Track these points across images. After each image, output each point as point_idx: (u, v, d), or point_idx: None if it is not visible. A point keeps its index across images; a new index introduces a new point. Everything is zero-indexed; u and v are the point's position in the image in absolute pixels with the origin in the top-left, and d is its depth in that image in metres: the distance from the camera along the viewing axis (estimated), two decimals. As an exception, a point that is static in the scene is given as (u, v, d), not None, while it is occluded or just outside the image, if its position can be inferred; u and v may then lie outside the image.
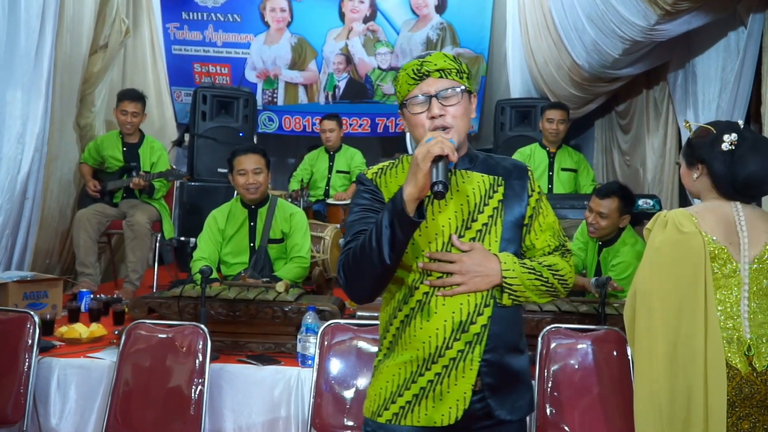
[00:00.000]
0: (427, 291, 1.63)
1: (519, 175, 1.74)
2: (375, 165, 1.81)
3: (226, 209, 3.74)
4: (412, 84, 1.67)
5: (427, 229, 1.65)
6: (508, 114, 6.20)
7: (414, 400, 1.63)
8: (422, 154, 1.49)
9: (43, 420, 2.94)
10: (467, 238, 1.65)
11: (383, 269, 1.57)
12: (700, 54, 4.48)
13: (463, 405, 1.60)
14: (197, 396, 2.69)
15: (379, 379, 1.70)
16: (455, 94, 1.65)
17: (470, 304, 1.62)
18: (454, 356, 1.61)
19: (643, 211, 4.56)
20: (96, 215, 4.60)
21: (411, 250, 1.63)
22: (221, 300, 3.11)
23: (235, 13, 6.92)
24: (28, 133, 4.01)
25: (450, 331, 1.61)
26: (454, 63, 1.68)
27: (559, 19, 5.11)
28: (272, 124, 7.15)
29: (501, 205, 1.69)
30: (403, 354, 1.66)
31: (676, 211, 2.06)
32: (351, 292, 1.67)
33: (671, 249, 2.01)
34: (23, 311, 2.98)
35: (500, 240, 1.66)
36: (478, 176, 1.70)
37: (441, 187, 1.47)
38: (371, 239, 1.56)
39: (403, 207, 1.50)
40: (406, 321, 1.66)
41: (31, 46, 3.92)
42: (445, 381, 1.61)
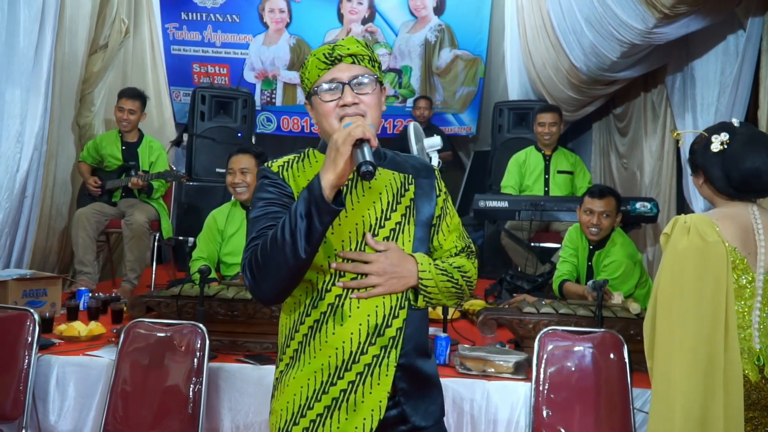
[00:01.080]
0: (339, 293, 1.53)
1: (427, 174, 1.68)
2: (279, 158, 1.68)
3: (226, 209, 3.75)
4: (322, 69, 1.56)
5: (340, 227, 1.55)
6: (506, 116, 6.22)
7: (325, 412, 1.51)
8: (342, 137, 1.40)
9: (42, 417, 2.95)
10: (381, 237, 1.57)
11: (297, 264, 1.44)
12: (699, 57, 4.49)
13: (378, 415, 1.51)
14: (195, 395, 2.69)
15: (284, 393, 1.56)
16: (369, 82, 1.56)
17: (386, 307, 1.53)
18: (370, 362, 1.51)
19: (641, 214, 4.58)
20: (95, 214, 4.61)
21: (323, 249, 1.52)
22: (219, 299, 3.12)
23: (234, 14, 6.94)
24: (27, 131, 4.02)
25: (365, 336, 1.51)
26: (366, 50, 1.59)
27: (558, 21, 5.13)
28: (270, 125, 7.17)
29: (413, 203, 1.62)
30: (312, 363, 1.53)
31: (697, 216, 1.98)
32: (259, 291, 1.51)
33: (695, 257, 1.92)
34: (23, 309, 2.98)
35: (413, 239, 1.60)
36: (389, 173, 1.63)
37: (369, 167, 1.39)
38: (283, 232, 1.42)
39: (321, 194, 1.39)
40: (315, 326, 1.53)
41: (31, 45, 3.93)
42: (359, 389, 1.51)
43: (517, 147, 5.53)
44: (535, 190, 5.06)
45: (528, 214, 4.62)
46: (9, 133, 3.93)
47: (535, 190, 5.06)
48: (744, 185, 2.01)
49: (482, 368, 2.92)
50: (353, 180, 1.59)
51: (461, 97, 7.15)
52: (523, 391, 2.84)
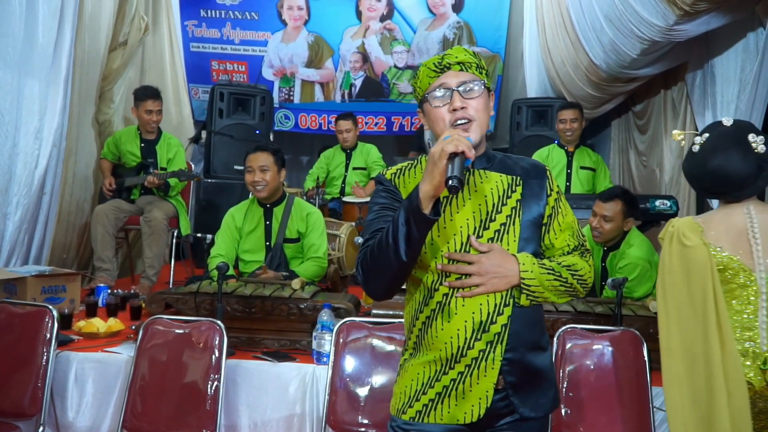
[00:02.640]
0: (446, 292, 1.64)
1: (537, 174, 1.73)
2: (393, 165, 1.81)
3: (244, 207, 3.76)
4: (432, 77, 1.67)
5: (446, 229, 1.65)
6: (524, 113, 6.18)
7: (437, 398, 1.64)
8: (438, 152, 1.48)
9: (60, 414, 2.97)
10: (485, 238, 1.65)
11: (399, 266, 1.57)
12: (719, 54, 4.43)
13: (486, 403, 1.62)
14: (213, 391, 2.70)
15: (404, 378, 1.72)
16: (476, 88, 1.65)
17: (490, 305, 1.62)
18: (476, 356, 1.61)
19: (660, 212, 4.54)
20: (114, 211, 4.64)
21: (429, 250, 1.64)
22: (237, 296, 3.13)
23: (253, 11, 6.96)
24: (45, 128, 4.04)
25: (471, 332, 1.62)
26: (474, 58, 1.68)
27: (577, 18, 5.09)
28: (288, 122, 7.18)
29: (519, 204, 1.68)
30: (427, 354, 1.67)
31: (683, 220, 1.99)
32: (368, 288, 1.68)
33: (678, 265, 1.95)
34: (42, 305, 3.00)
35: (518, 239, 1.66)
36: (496, 176, 1.70)
37: (455, 182, 1.46)
38: (388, 236, 1.55)
39: (418, 204, 1.49)
40: (427, 322, 1.67)
41: (49, 42, 3.95)
42: (467, 380, 1.62)
43: (535, 144, 5.49)
44: (556, 186, 5.02)
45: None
46: (28, 130, 3.96)
47: (556, 185, 5.02)
48: (713, 184, 2.03)
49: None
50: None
51: (479, 94, 7.11)
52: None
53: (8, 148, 3.87)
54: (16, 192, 3.96)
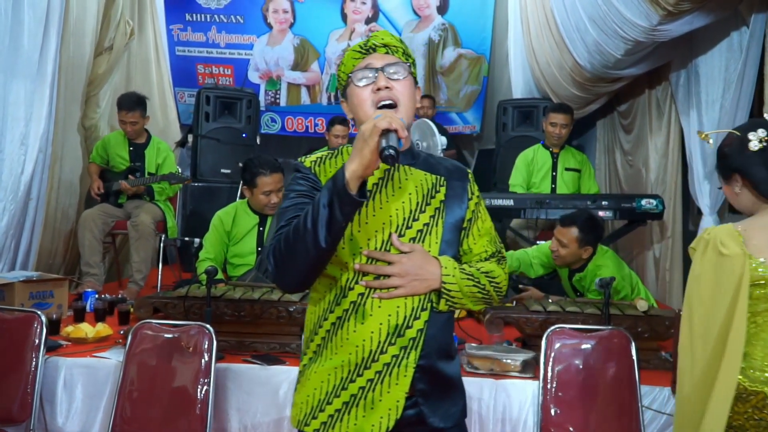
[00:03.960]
0: (362, 292, 1.53)
1: (460, 176, 1.67)
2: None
3: (232, 210, 3.76)
4: (357, 58, 1.60)
5: (367, 225, 1.55)
6: (510, 114, 6.21)
7: (344, 408, 1.52)
8: (369, 128, 1.39)
9: (50, 419, 2.96)
10: (407, 237, 1.56)
11: (317, 253, 1.44)
12: (703, 54, 4.47)
13: (395, 414, 1.51)
14: (203, 395, 2.70)
15: (306, 386, 1.58)
16: (402, 71, 1.58)
17: (407, 308, 1.53)
18: (389, 361, 1.51)
19: (646, 211, 4.58)
20: (101, 215, 4.62)
21: (348, 246, 1.54)
22: (226, 300, 3.13)
23: (238, 15, 6.95)
24: (31, 134, 4.02)
25: (385, 335, 1.51)
26: (401, 43, 1.63)
27: (561, 19, 5.12)
28: (275, 125, 7.17)
29: (443, 205, 1.61)
30: (333, 358, 1.54)
31: (721, 227, 1.79)
32: (280, 278, 1.53)
33: (709, 275, 1.76)
34: (30, 311, 2.98)
35: (440, 241, 1.59)
36: (420, 174, 1.63)
37: (391, 151, 1.37)
38: (306, 221, 1.43)
39: (344, 184, 1.38)
40: (337, 323, 1.54)
41: (35, 47, 3.94)
42: (377, 388, 1.51)
43: (521, 145, 5.52)
44: (542, 188, 5.05)
45: (534, 212, 4.61)
46: (13, 136, 3.94)
47: (542, 187, 5.05)
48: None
49: (490, 367, 2.93)
50: (383, 179, 1.59)
51: (465, 95, 7.15)
52: (531, 389, 2.85)
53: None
54: (2, 198, 3.94)
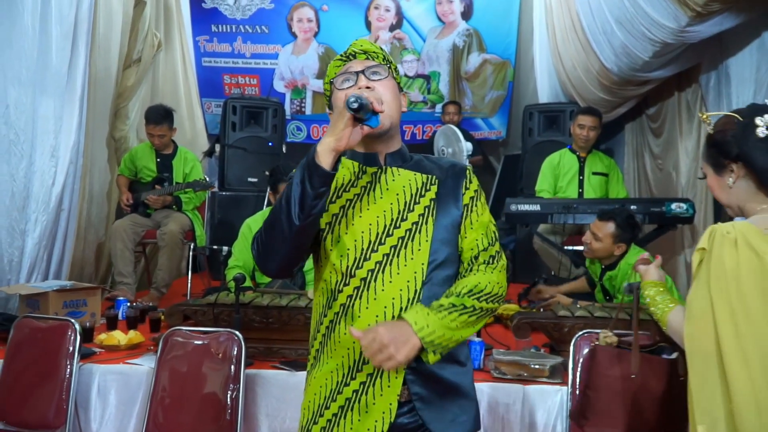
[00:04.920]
0: (350, 294, 1.52)
1: (455, 174, 1.63)
2: None
3: (260, 218, 3.80)
4: (339, 66, 1.62)
5: (353, 226, 1.55)
6: (536, 119, 6.18)
7: (340, 412, 1.52)
8: (342, 102, 1.43)
9: (84, 425, 2.99)
10: (395, 237, 1.53)
11: (291, 232, 1.44)
12: (733, 55, 4.41)
13: (389, 418, 1.49)
14: (232, 401, 2.72)
15: (308, 391, 1.60)
16: (382, 71, 1.59)
17: (395, 308, 1.50)
18: None
19: (676, 215, 4.51)
20: (131, 225, 4.71)
21: (335, 248, 1.54)
22: (255, 307, 3.15)
23: (263, 25, 7.03)
24: (62, 146, 4.09)
25: None
26: (381, 50, 1.63)
27: (587, 22, 5.09)
28: (300, 134, 7.23)
29: (433, 204, 1.58)
30: (329, 362, 1.55)
31: (741, 225, 1.58)
32: (262, 261, 1.53)
33: (751, 277, 1.54)
34: (64, 319, 3.04)
35: (431, 241, 1.54)
36: (409, 174, 1.60)
37: (355, 98, 1.38)
38: (281, 200, 1.45)
39: (314, 157, 1.40)
40: (330, 327, 1.55)
41: (63, 61, 4.01)
42: (370, 391, 1.50)
43: (547, 150, 5.48)
44: (569, 192, 5.01)
45: (561, 217, 4.58)
46: (44, 149, 4.01)
47: (569, 191, 5.01)
48: None
49: (517, 372, 2.90)
50: (371, 182, 1.59)
51: (491, 101, 7.14)
52: (560, 395, 2.81)
53: (24, 167, 3.93)
54: (35, 209, 4.00)
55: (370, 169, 1.60)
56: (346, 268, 1.53)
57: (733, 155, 1.67)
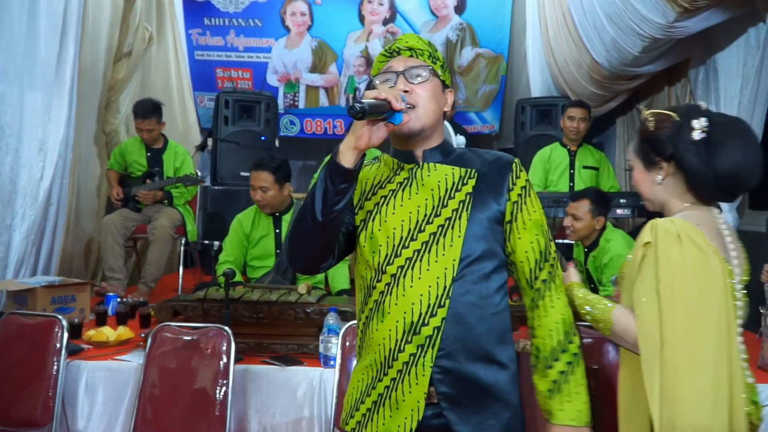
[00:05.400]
0: (382, 290, 1.52)
1: (499, 167, 1.58)
2: None
3: (252, 213, 3.80)
4: (383, 62, 1.61)
5: (386, 222, 1.54)
6: (528, 113, 6.18)
7: (373, 407, 1.52)
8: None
9: (71, 422, 2.99)
10: (427, 233, 1.52)
11: (315, 228, 1.46)
12: (721, 50, 4.43)
13: (417, 416, 1.47)
14: (222, 397, 2.73)
15: (350, 385, 1.62)
16: (424, 73, 1.56)
17: (423, 304, 1.48)
18: (407, 360, 1.48)
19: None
20: (122, 220, 4.69)
21: (368, 244, 1.55)
22: (245, 302, 3.16)
23: (256, 18, 6.99)
24: (50, 140, 4.06)
25: (402, 333, 1.49)
26: (428, 47, 1.60)
27: (578, 17, 5.10)
28: (294, 128, 7.21)
29: (469, 198, 1.54)
30: (366, 358, 1.56)
31: (680, 221, 1.61)
32: (290, 257, 1.57)
33: (696, 272, 1.57)
34: (51, 315, 3.04)
35: (464, 236, 1.51)
36: (447, 169, 1.57)
37: (357, 103, 1.38)
38: (308, 197, 1.47)
39: (336, 154, 1.42)
40: (366, 322, 1.56)
41: (52, 55, 3.98)
42: (399, 387, 1.49)
43: (540, 144, 5.49)
44: (560, 186, 5.02)
45: (550, 211, 4.59)
46: (31, 142, 3.98)
47: (560, 185, 5.03)
48: (730, 184, 1.64)
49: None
50: (408, 179, 1.58)
51: (483, 95, 7.13)
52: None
53: (10, 161, 3.90)
54: (22, 204, 3.98)
55: (407, 166, 1.59)
56: (378, 264, 1.54)
57: (667, 155, 1.68)
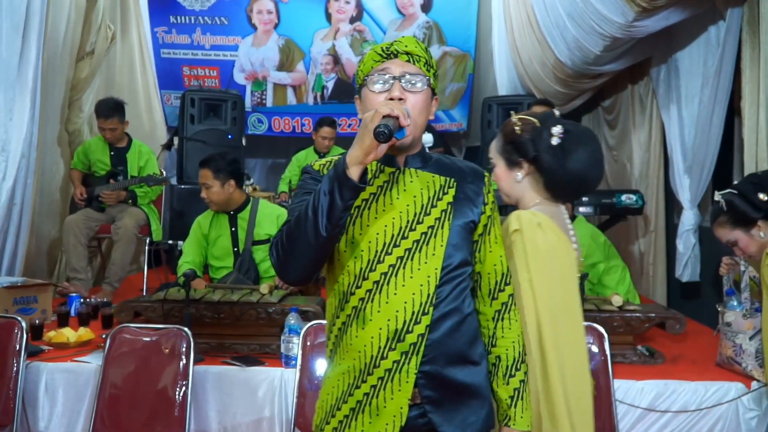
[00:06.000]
0: (362, 297, 1.52)
1: (474, 178, 1.62)
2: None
3: (210, 214, 3.79)
4: (377, 61, 1.56)
5: (368, 227, 1.53)
6: (494, 111, 6.20)
7: (351, 414, 1.53)
8: (371, 115, 1.40)
9: (32, 423, 2.98)
10: (411, 240, 1.52)
11: (317, 242, 1.44)
12: (682, 49, 4.51)
13: (400, 421, 1.50)
14: (181, 398, 2.73)
15: (323, 391, 1.61)
16: (420, 84, 1.55)
17: (407, 312, 1.50)
18: (390, 367, 1.50)
19: (626, 206, 4.61)
20: (85, 220, 4.64)
21: (349, 249, 1.53)
22: (206, 302, 3.16)
23: (223, 16, 6.94)
24: (13, 140, 4.01)
25: (385, 341, 1.50)
26: (425, 53, 1.58)
27: (541, 16, 5.15)
28: (262, 126, 7.19)
29: (450, 207, 1.57)
30: (342, 364, 1.55)
31: (539, 213, 1.79)
32: (282, 270, 1.52)
33: (559, 256, 1.78)
34: (11, 317, 3.01)
35: (446, 245, 1.54)
36: (428, 176, 1.59)
37: (383, 128, 1.36)
38: (308, 210, 1.43)
39: (344, 170, 1.39)
40: (343, 328, 1.55)
41: (13, 54, 3.93)
42: (381, 394, 1.50)
43: (506, 142, 5.52)
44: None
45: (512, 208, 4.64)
46: (-8, 142, 3.94)
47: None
48: (579, 185, 1.87)
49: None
50: (388, 182, 1.58)
51: (451, 93, 7.17)
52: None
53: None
54: (-16, 204, 3.93)
55: (387, 169, 1.58)
56: (360, 270, 1.53)
57: (530, 156, 1.85)
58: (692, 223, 4.43)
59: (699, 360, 3.23)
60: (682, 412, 2.85)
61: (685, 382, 2.92)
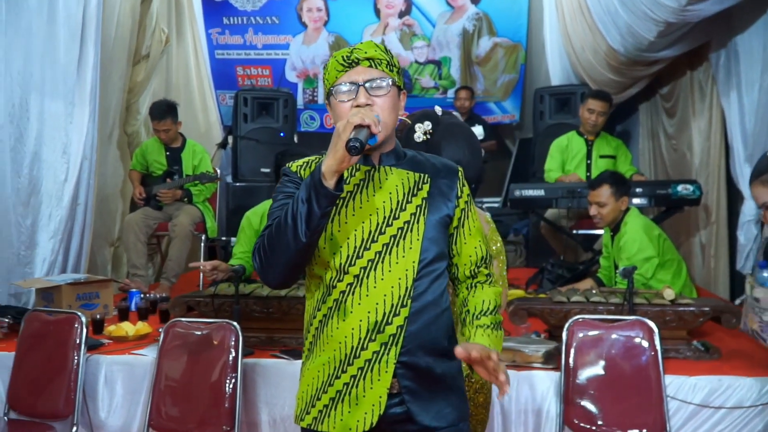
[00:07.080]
0: (343, 290, 1.58)
1: (447, 174, 1.68)
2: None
3: (261, 210, 3.86)
4: (340, 71, 1.61)
5: (347, 224, 1.59)
6: (547, 102, 6.13)
7: (331, 403, 1.58)
8: (342, 124, 1.45)
9: (93, 414, 3.11)
10: (388, 235, 1.58)
11: (297, 248, 1.50)
12: (741, 32, 4.33)
13: (378, 410, 1.55)
14: (231, 390, 2.80)
15: (302, 382, 1.66)
16: (384, 85, 1.60)
17: (386, 304, 1.56)
18: (369, 358, 1.55)
19: (683, 197, 4.48)
20: (143, 218, 4.82)
21: (329, 245, 1.58)
22: (255, 297, 3.23)
23: (274, 16, 7.06)
24: (73, 142, 4.16)
25: (365, 332, 1.55)
26: (385, 54, 1.63)
27: (592, 3, 5.02)
28: (314, 123, 7.28)
29: (425, 203, 1.62)
30: (321, 355, 1.60)
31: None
32: (265, 275, 1.59)
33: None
34: (72, 312, 3.14)
35: (422, 239, 1.59)
36: (402, 173, 1.64)
37: (355, 142, 1.42)
38: (287, 217, 1.50)
39: (320, 178, 1.45)
40: (324, 321, 1.60)
41: (72, 61, 4.07)
42: (360, 384, 1.56)
43: (558, 133, 5.44)
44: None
45: (566, 202, 4.56)
46: (54, 146, 4.07)
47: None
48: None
49: (512, 358, 2.93)
50: (365, 180, 1.62)
51: (503, 84, 7.09)
52: (554, 380, 2.84)
53: (28, 163, 3.98)
54: (48, 204, 4.10)
55: (363, 167, 1.63)
56: (340, 264, 1.58)
57: None
58: (754, 214, 4.25)
59: (756, 355, 3.11)
60: (737, 408, 2.76)
61: (740, 377, 2.82)
